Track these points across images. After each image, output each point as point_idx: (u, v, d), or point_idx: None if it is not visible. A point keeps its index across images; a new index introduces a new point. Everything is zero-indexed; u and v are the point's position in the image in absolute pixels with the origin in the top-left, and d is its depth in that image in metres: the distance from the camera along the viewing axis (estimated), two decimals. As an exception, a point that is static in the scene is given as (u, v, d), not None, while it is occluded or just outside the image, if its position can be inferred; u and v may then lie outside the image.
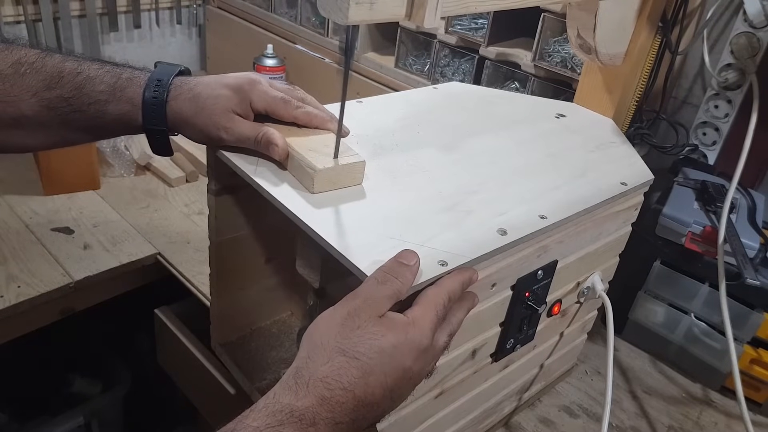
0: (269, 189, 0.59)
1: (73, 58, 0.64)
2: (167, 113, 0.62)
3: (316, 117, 0.65)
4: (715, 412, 0.89)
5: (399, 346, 0.47)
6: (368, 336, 0.46)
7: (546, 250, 0.64)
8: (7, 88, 0.61)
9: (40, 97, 0.62)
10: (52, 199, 1.20)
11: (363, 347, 0.46)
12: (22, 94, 0.61)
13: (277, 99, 0.64)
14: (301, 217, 0.56)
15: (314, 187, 0.59)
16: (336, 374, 0.45)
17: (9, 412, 1.33)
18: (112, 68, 0.64)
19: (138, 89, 0.62)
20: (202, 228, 1.17)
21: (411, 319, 0.48)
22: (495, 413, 0.78)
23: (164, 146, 0.66)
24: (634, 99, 0.90)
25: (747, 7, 0.91)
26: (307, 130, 0.65)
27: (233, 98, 0.62)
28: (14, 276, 1.00)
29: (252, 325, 0.86)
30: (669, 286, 0.91)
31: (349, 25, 0.52)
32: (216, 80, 0.64)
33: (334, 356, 0.45)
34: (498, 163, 0.71)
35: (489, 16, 1.14)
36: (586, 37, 0.80)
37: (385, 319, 0.47)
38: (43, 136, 0.65)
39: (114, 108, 0.63)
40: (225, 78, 0.64)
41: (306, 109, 0.65)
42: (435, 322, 0.49)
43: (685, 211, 0.88)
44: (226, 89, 0.62)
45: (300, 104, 0.65)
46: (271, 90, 0.64)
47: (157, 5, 1.63)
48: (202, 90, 0.63)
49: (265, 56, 1.48)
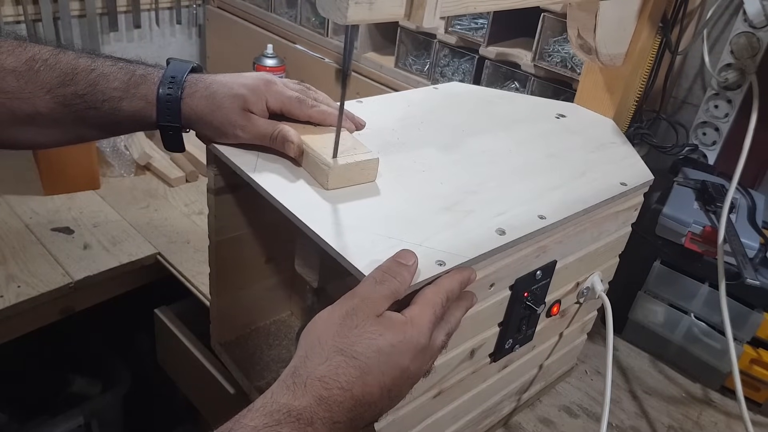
0: (268, 188, 0.59)
1: (87, 54, 0.64)
2: (182, 110, 0.63)
3: (331, 115, 0.66)
4: (715, 412, 0.89)
5: (397, 346, 0.47)
6: (366, 335, 0.46)
7: (545, 250, 0.64)
8: (21, 85, 0.61)
9: (55, 93, 0.62)
10: (52, 199, 1.20)
11: (361, 347, 0.46)
12: (36, 91, 0.61)
13: (292, 99, 0.65)
14: (299, 216, 0.56)
15: (329, 184, 0.59)
16: (334, 374, 0.45)
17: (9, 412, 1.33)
18: (125, 65, 0.64)
19: (152, 86, 0.63)
20: (202, 228, 1.17)
21: (409, 318, 0.48)
22: (494, 413, 0.78)
23: (177, 143, 0.66)
24: (634, 99, 0.90)
25: (747, 7, 0.91)
26: (322, 128, 0.66)
27: (250, 98, 0.63)
28: (14, 276, 1.00)
29: (252, 324, 0.86)
30: (669, 286, 0.91)
31: (348, 25, 0.52)
32: (232, 79, 0.64)
33: (331, 356, 0.45)
34: (497, 163, 0.71)
35: (489, 16, 1.14)
36: (587, 37, 0.80)
37: (383, 318, 0.47)
38: (57, 133, 0.65)
39: (128, 105, 0.63)
40: (241, 77, 0.65)
41: (320, 108, 0.66)
42: (433, 321, 0.49)
43: (685, 211, 0.88)
44: (243, 89, 0.63)
45: (315, 103, 0.66)
46: (286, 90, 0.65)
47: (156, 5, 1.63)
48: (218, 89, 0.63)
49: (265, 56, 1.48)
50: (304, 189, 0.60)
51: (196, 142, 0.66)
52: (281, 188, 0.59)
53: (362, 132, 0.71)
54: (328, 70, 1.45)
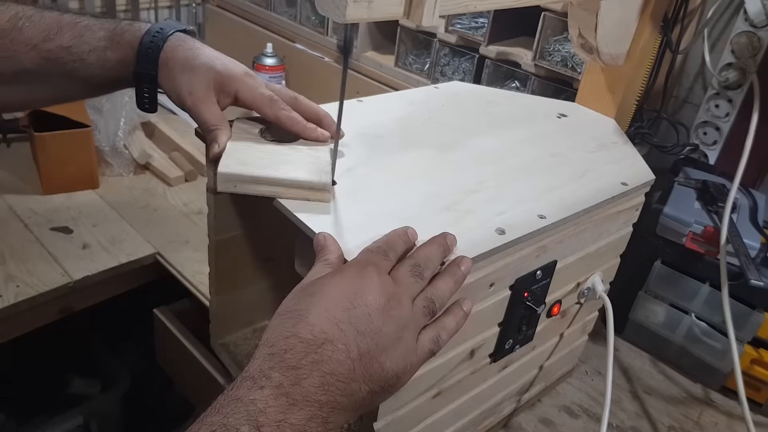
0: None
1: (71, 12, 0.64)
2: (160, 57, 0.62)
3: (298, 123, 0.64)
4: (715, 412, 0.88)
5: (335, 277, 0.46)
6: (306, 286, 0.47)
7: (545, 250, 0.63)
8: (6, 43, 0.61)
9: (40, 48, 0.62)
10: (50, 199, 1.20)
11: (298, 299, 0.46)
12: (21, 48, 0.61)
13: (264, 96, 0.63)
14: (299, 216, 0.55)
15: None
16: (274, 333, 0.44)
17: (7, 412, 1.32)
18: (110, 19, 0.65)
19: (138, 33, 0.63)
20: (202, 227, 1.17)
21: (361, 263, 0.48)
22: (494, 414, 0.77)
23: (150, 100, 0.66)
24: (635, 98, 0.90)
25: (748, 7, 0.90)
26: (303, 142, 0.65)
27: (224, 78, 0.62)
28: (13, 275, 1.00)
29: (252, 324, 0.86)
30: (670, 286, 0.91)
31: (347, 24, 0.52)
32: (218, 55, 0.64)
33: (273, 323, 0.45)
34: (498, 162, 0.70)
35: (489, 15, 1.14)
36: (588, 36, 0.80)
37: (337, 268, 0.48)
38: (44, 90, 0.65)
39: (112, 54, 0.63)
40: (227, 59, 0.64)
41: (290, 114, 0.64)
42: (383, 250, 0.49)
43: (686, 210, 0.87)
44: (222, 67, 0.63)
45: (286, 107, 0.64)
46: (261, 87, 0.64)
47: (156, 4, 1.63)
48: (201, 54, 0.63)
49: (265, 55, 1.48)
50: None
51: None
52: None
53: (361, 132, 0.70)
54: (328, 68, 1.45)
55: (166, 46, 0.62)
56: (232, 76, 0.63)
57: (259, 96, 0.63)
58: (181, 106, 0.63)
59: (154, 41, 0.62)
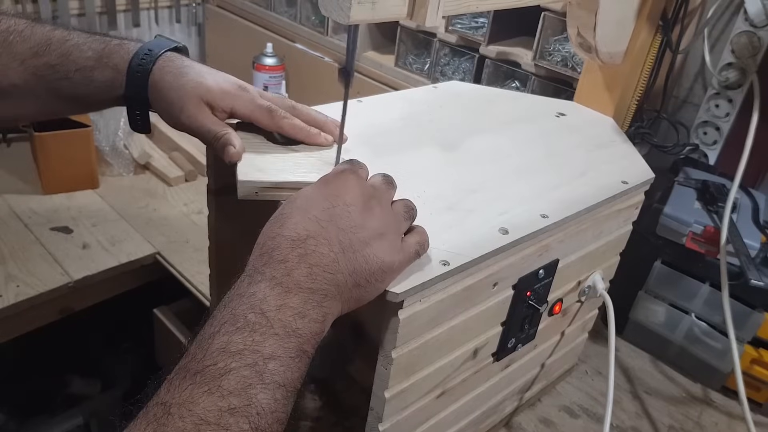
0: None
1: (64, 28, 0.63)
2: (149, 80, 0.61)
3: (302, 130, 0.63)
4: (715, 412, 0.89)
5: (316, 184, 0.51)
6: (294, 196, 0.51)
7: (547, 249, 0.64)
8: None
9: (28, 64, 0.61)
10: (51, 198, 1.20)
11: (284, 207, 0.50)
12: (10, 63, 0.61)
13: (262, 107, 0.62)
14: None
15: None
16: (263, 236, 0.49)
17: (8, 412, 1.32)
18: (101, 37, 0.63)
19: (126, 56, 0.61)
20: (202, 227, 1.17)
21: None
22: (496, 413, 0.77)
23: (143, 121, 0.65)
24: (634, 98, 0.90)
25: (748, 6, 0.90)
26: (303, 145, 0.64)
27: (215, 94, 0.61)
28: (13, 275, 1.00)
29: (252, 324, 0.85)
30: (670, 285, 0.91)
31: (351, 25, 0.52)
32: (208, 71, 0.62)
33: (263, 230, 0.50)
34: (498, 162, 0.71)
35: (489, 15, 1.14)
36: (587, 35, 0.80)
37: None
38: (33, 106, 0.65)
39: (99, 75, 0.61)
40: (219, 74, 0.63)
41: (292, 121, 0.63)
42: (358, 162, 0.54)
43: (686, 210, 0.88)
44: (213, 83, 0.61)
45: (287, 115, 0.63)
46: (258, 98, 0.63)
47: (156, 4, 1.63)
48: (191, 71, 0.61)
49: (265, 55, 1.48)
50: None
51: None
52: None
53: (362, 132, 0.70)
54: (328, 68, 1.45)
55: (155, 69, 0.61)
56: (225, 92, 0.61)
57: (257, 108, 0.62)
58: (177, 127, 0.62)
59: (143, 64, 0.61)
